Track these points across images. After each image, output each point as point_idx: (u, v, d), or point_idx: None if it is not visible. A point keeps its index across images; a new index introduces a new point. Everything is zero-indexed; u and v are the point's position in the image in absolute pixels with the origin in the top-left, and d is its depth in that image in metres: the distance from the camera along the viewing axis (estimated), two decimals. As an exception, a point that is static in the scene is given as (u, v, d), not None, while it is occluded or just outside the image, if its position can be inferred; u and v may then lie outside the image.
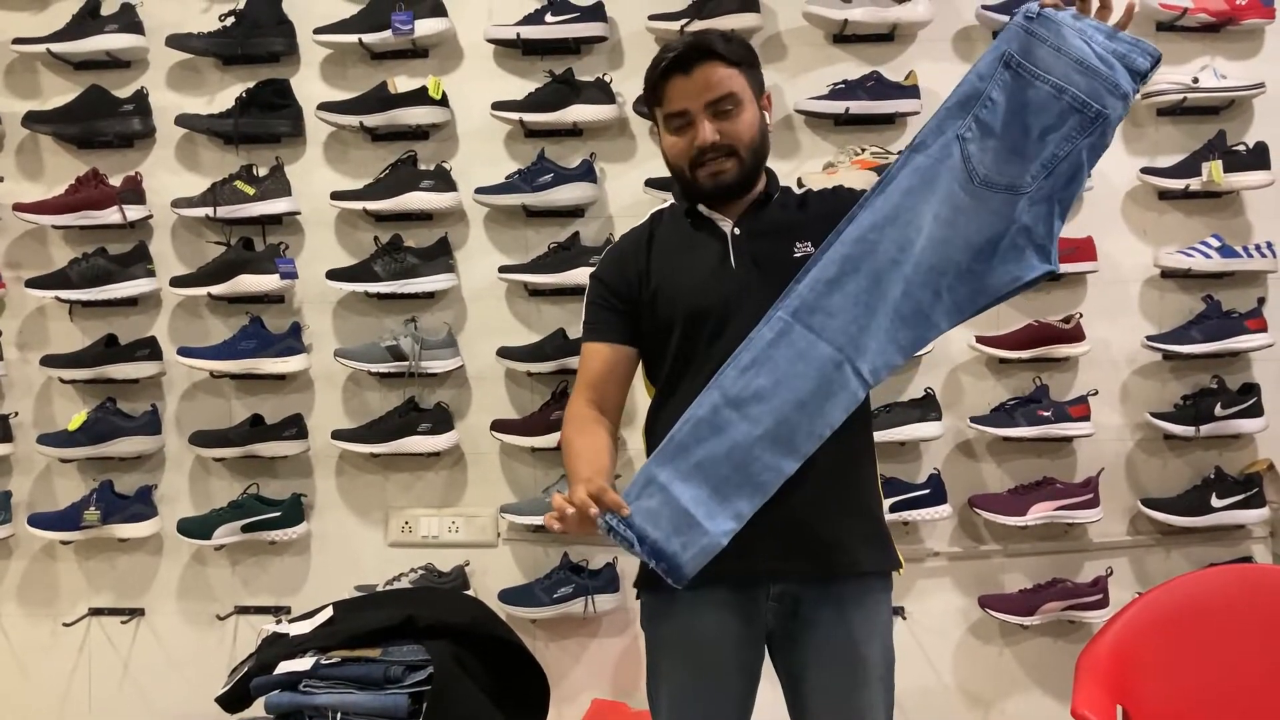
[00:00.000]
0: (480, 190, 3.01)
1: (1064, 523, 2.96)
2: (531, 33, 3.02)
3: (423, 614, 2.43)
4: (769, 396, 1.72)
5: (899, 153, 2.91)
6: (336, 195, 3.03)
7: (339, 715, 2.26)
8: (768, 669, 1.92)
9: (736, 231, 1.89)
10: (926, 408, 2.95)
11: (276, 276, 3.01)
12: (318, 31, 3.05)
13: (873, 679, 1.83)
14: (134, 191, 3.07)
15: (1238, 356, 2.99)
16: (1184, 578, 2.59)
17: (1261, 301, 2.98)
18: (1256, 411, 2.94)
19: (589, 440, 1.82)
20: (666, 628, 1.91)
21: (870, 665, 1.83)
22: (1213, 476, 2.96)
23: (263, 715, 2.34)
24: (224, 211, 3.01)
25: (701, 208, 1.92)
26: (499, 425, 3.02)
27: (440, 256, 3.04)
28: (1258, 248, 2.96)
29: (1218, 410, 2.92)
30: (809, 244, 1.84)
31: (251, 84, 3.08)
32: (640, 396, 2.03)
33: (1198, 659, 2.35)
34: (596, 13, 3.03)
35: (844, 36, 3.06)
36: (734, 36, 1.91)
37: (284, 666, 2.37)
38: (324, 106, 3.04)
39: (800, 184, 2.90)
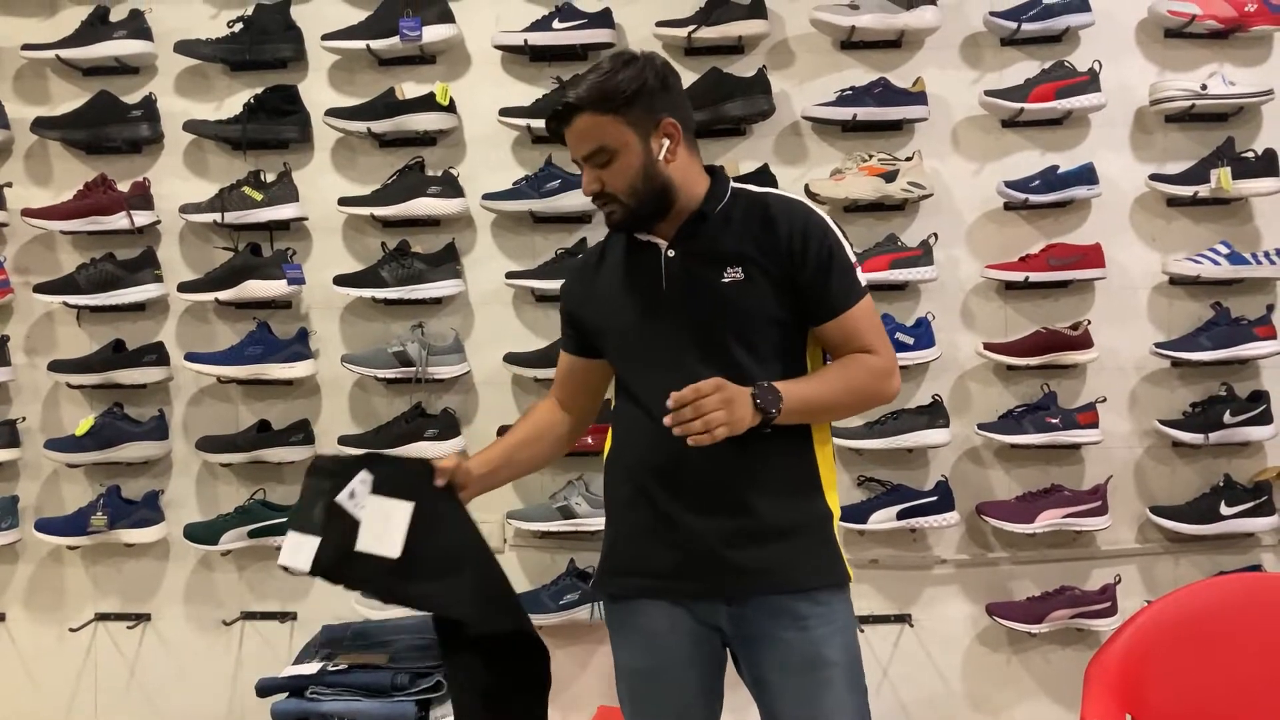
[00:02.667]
0: (487, 196, 3.01)
1: (1072, 530, 2.95)
2: (539, 39, 3.02)
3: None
4: None
5: (906, 159, 2.94)
6: (344, 201, 3.03)
7: (345, 722, 2.26)
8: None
9: (670, 254, 1.89)
10: (934, 414, 2.95)
11: (284, 282, 3.01)
12: (326, 38, 3.05)
13: (835, 679, 1.83)
14: (142, 197, 3.08)
15: (1247, 364, 2.98)
16: (1193, 586, 2.57)
17: (1270, 309, 2.98)
18: (1266, 419, 2.93)
19: (513, 430, 2.09)
20: (623, 627, 1.97)
21: (830, 664, 1.83)
22: (1222, 484, 2.94)
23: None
24: (231, 217, 3.01)
25: (637, 233, 1.93)
26: (505, 431, 3.01)
27: (447, 262, 3.04)
28: (1267, 255, 2.95)
29: (1227, 418, 2.91)
30: (739, 269, 1.85)
31: (259, 90, 3.09)
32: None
33: (1207, 668, 2.34)
34: (604, 19, 3.03)
35: (851, 43, 3.06)
36: (616, 75, 1.84)
37: (290, 671, 2.37)
38: (332, 112, 3.04)
39: (808, 191, 2.93)
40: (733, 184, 1.94)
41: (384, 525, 1.80)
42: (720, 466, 1.78)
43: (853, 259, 1.89)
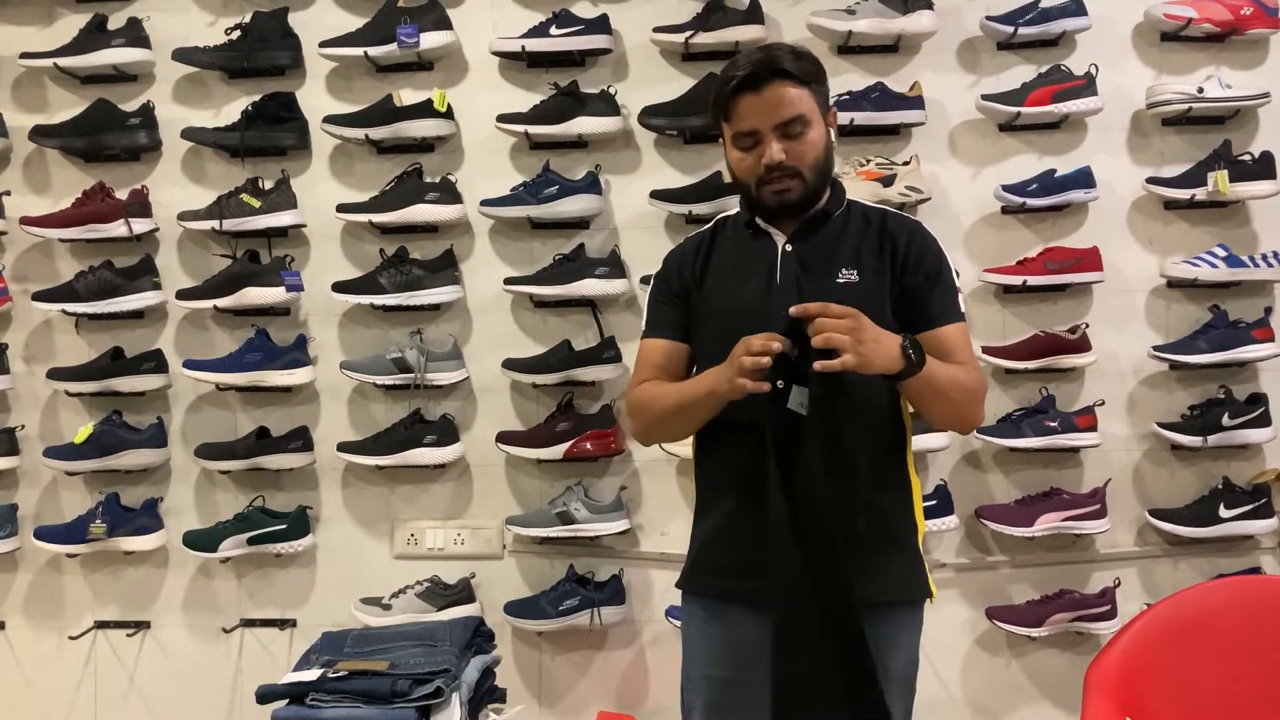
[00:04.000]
0: (485, 202, 3.02)
1: (1071, 533, 2.95)
2: (536, 45, 3.02)
3: None
4: None
5: (903, 163, 2.95)
6: (342, 208, 3.04)
7: (345, 729, 2.25)
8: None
9: (788, 249, 1.90)
10: (933, 418, 2.95)
11: (282, 289, 3.01)
12: (323, 45, 3.06)
13: (892, 686, 1.84)
14: (140, 205, 3.08)
15: (1245, 366, 2.98)
16: (1193, 589, 2.58)
17: (1268, 311, 2.98)
18: (1264, 421, 2.93)
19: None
20: (706, 626, 1.93)
21: (892, 674, 1.84)
22: (1221, 487, 2.94)
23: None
24: (230, 224, 3.02)
25: (759, 220, 1.94)
26: (504, 437, 3.02)
27: (446, 269, 3.04)
28: (1264, 257, 2.95)
29: (1225, 420, 2.91)
30: (854, 272, 1.86)
31: (257, 97, 3.09)
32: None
33: (1207, 671, 2.34)
34: (601, 25, 3.03)
35: (848, 48, 3.06)
36: (805, 53, 1.89)
37: (290, 678, 2.36)
38: (329, 119, 3.05)
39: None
40: (848, 196, 1.98)
41: None
42: (831, 469, 1.73)
43: (958, 285, 1.93)
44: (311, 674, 2.36)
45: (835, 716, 1.76)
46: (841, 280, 1.86)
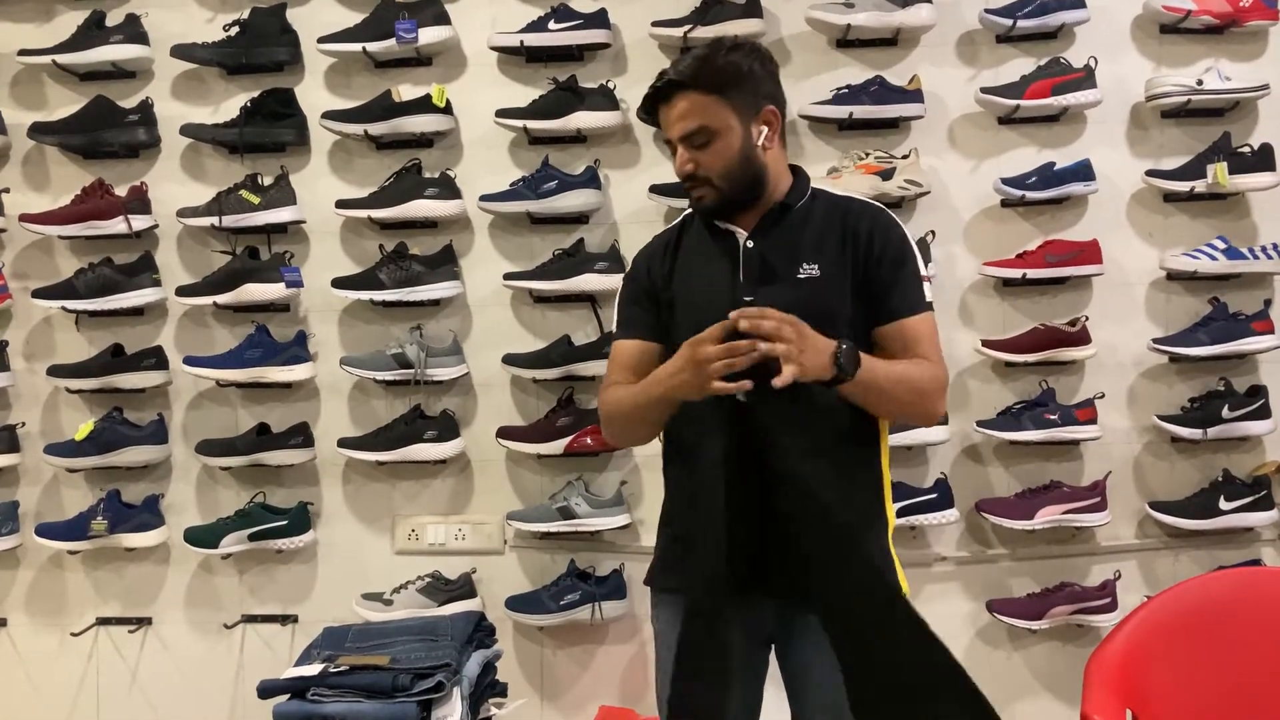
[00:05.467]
0: (485, 198, 3.01)
1: (1072, 526, 2.96)
2: (535, 40, 3.02)
3: None
4: None
5: (902, 156, 2.94)
6: (341, 204, 3.04)
7: (347, 724, 2.26)
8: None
9: (749, 245, 1.89)
10: (933, 412, 2.95)
11: (282, 285, 3.01)
12: (321, 41, 3.06)
13: None
14: (139, 201, 3.08)
15: (1245, 359, 2.98)
16: (1193, 581, 2.58)
17: (1268, 303, 2.98)
18: (1264, 413, 2.93)
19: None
20: (674, 620, 1.92)
21: None
22: (1221, 479, 2.95)
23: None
24: (229, 221, 3.02)
25: (718, 220, 1.93)
26: (505, 432, 3.02)
27: (445, 264, 3.04)
28: (1264, 249, 2.95)
29: (1225, 412, 2.91)
30: (815, 266, 1.85)
31: (256, 93, 3.09)
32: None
33: (1208, 662, 2.34)
34: (599, 19, 3.03)
35: (847, 41, 3.06)
36: (724, 56, 1.84)
37: (292, 673, 2.37)
38: (328, 115, 3.05)
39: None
40: (813, 184, 1.96)
41: None
42: (795, 467, 1.72)
43: (924, 273, 1.91)
44: (313, 669, 2.37)
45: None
46: (803, 275, 1.85)
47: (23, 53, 3.10)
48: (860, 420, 1.87)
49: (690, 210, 2.01)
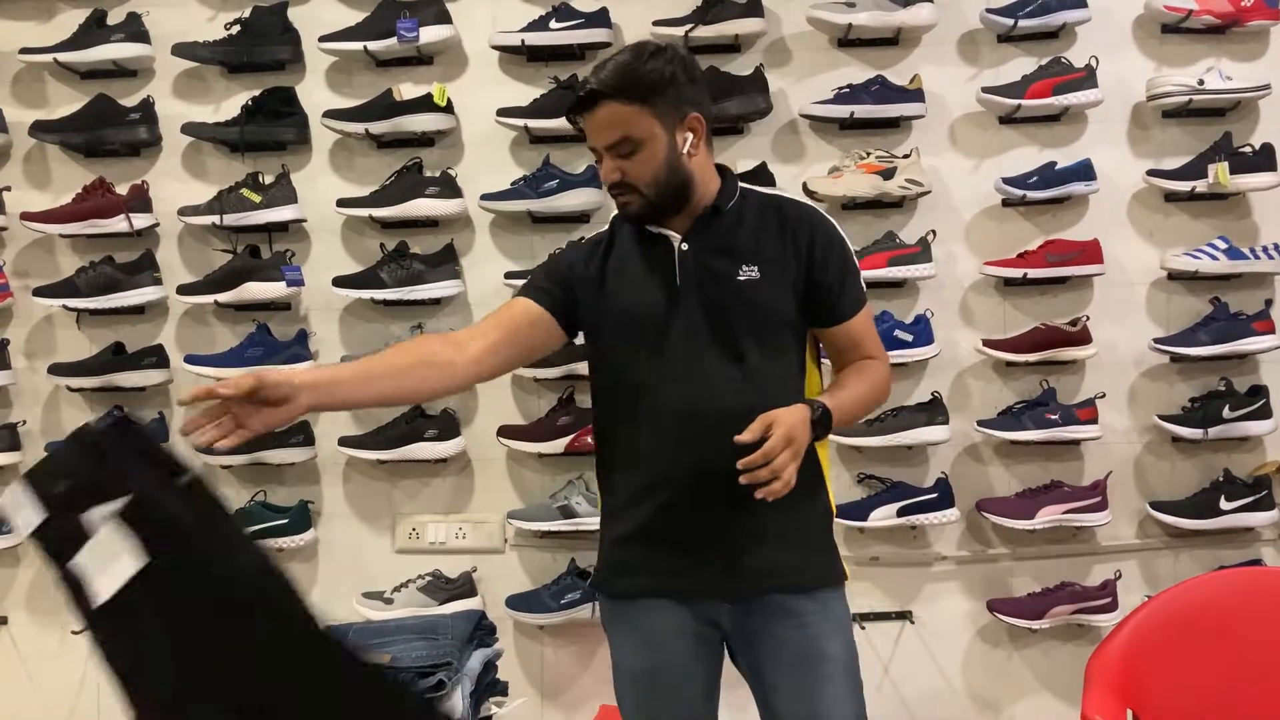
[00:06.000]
0: (486, 196, 3.01)
1: (1072, 526, 2.96)
2: (536, 39, 3.02)
3: None
4: None
5: (903, 156, 2.94)
6: (342, 202, 3.04)
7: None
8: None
9: (684, 248, 1.89)
10: (933, 411, 2.95)
11: (283, 284, 3.01)
12: (323, 39, 3.05)
13: (836, 674, 1.85)
14: (141, 200, 3.08)
15: (1245, 358, 2.98)
16: (1193, 581, 2.58)
17: (1269, 303, 2.98)
18: (1265, 413, 2.93)
19: (374, 358, 1.89)
20: (624, 626, 1.95)
21: (830, 660, 1.85)
22: (1222, 479, 2.95)
23: None
24: (230, 219, 3.02)
25: (649, 225, 1.92)
26: (506, 431, 3.02)
27: (446, 263, 3.04)
28: (1265, 249, 2.95)
29: (1226, 412, 2.91)
30: (754, 269, 1.86)
31: (257, 92, 3.09)
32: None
33: (1208, 662, 2.34)
34: (601, 19, 3.03)
35: (848, 40, 3.06)
36: (645, 64, 1.82)
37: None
38: (329, 114, 3.05)
39: (806, 189, 2.93)
40: (740, 184, 1.96)
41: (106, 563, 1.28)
42: (729, 466, 1.72)
43: (857, 264, 1.94)
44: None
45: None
46: (743, 277, 1.85)
47: (24, 51, 3.10)
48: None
49: (619, 214, 1.99)
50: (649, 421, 1.85)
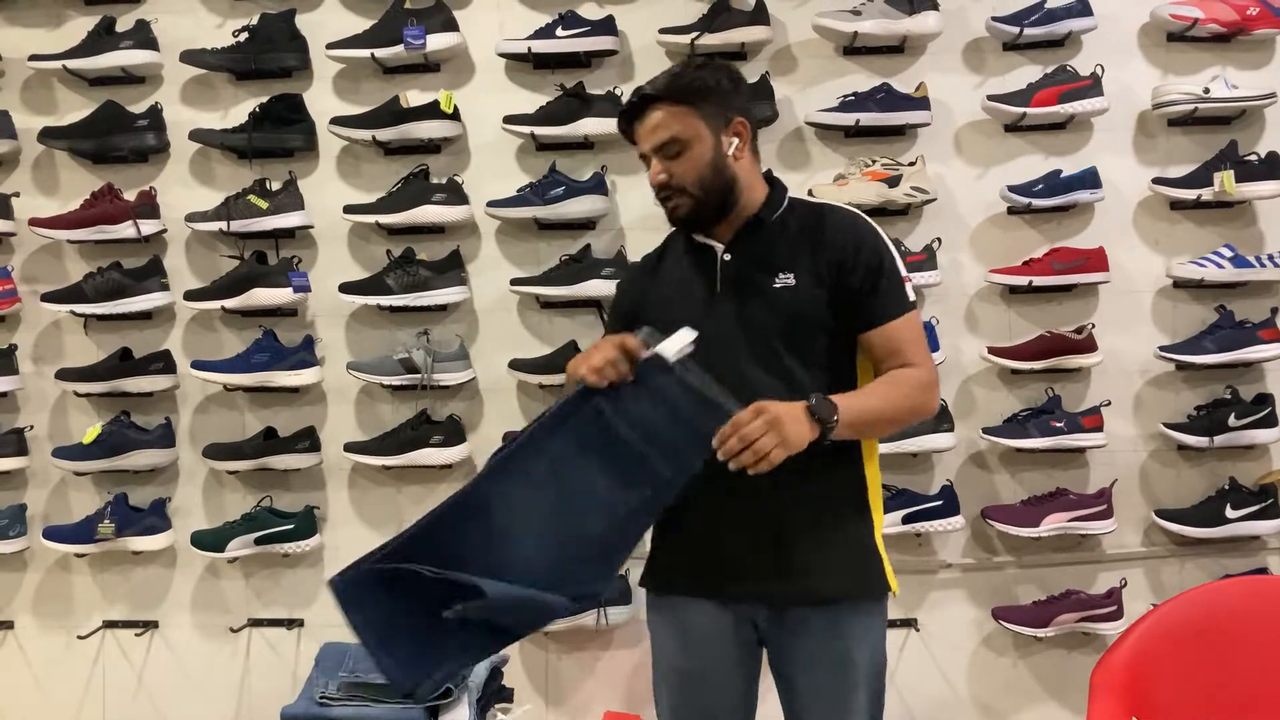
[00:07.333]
0: (492, 203, 3.02)
1: (1077, 534, 2.95)
2: (542, 47, 3.03)
3: None
4: None
5: (909, 163, 2.94)
6: (349, 209, 3.04)
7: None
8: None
9: (726, 257, 1.93)
10: (939, 419, 2.94)
11: (289, 290, 3.02)
12: (330, 46, 3.07)
13: (861, 682, 1.89)
14: (148, 206, 3.09)
15: (1251, 367, 2.98)
16: (1199, 589, 2.58)
17: (1275, 311, 2.98)
18: (1271, 422, 2.93)
19: None
20: (668, 624, 1.99)
21: (859, 668, 1.89)
22: (1227, 487, 2.94)
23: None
24: (237, 225, 3.03)
25: (696, 235, 1.96)
26: (511, 437, 3.02)
27: (452, 269, 3.05)
28: (1270, 258, 2.95)
29: (1231, 421, 2.91)
30: (790, 276, 1.88)
31: (264, 99, 3.10)
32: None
33: (1213, 671, 2.34)
34: (607, 26, 3.04)
35: (854, 49, 3.06)
36: (693, 72, 1.92)
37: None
38: (336, 121, 3.06)
39: (811, 195, 2.93)
40: (790, 195, 1.98)
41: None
42: (771, 474, 1.71)
43: (903, 273, 1.92)
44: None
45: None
46: (778, 284, 1.88)
47: (33, 58, 3.12)
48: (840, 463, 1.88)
49: (673, 231, 2.04)
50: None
